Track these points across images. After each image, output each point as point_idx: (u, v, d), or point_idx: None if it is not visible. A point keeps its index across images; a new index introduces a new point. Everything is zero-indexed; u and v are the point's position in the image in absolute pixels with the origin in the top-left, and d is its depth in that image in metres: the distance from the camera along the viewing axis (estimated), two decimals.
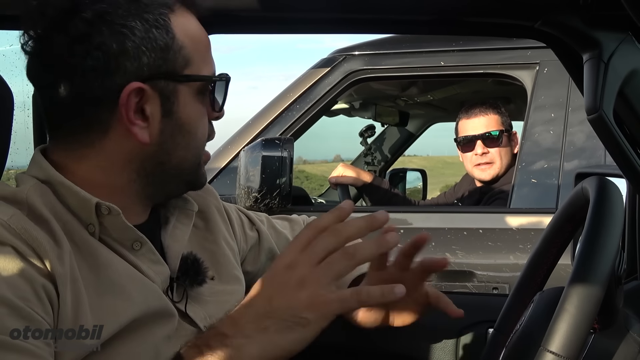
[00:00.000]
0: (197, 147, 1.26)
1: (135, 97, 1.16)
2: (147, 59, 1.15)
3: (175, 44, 1.18)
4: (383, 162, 4.94)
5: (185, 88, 1.20)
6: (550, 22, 1.29)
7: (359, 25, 1.50)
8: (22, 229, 1.06)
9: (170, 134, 1.21)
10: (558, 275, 1.40)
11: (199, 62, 1.22)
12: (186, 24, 1.21)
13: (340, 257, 1.04)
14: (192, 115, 1.23)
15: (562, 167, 2.86)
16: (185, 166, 1.25)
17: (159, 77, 1.17)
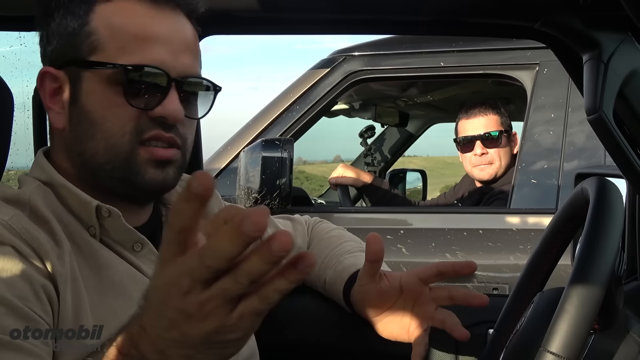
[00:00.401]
0: (108, 139, 1.17)
1: (51, 82, 1.21)
2: (58, 44, 1.20)
3: (85, 30, 1.17)
4: (383, 162, 4.94)
5: (90, 75, 1.17)
6: (550, 23, 1.29)
7: (359, 26, 1.50)
8: (22, 229, 1.07)
9: (77, 122, 1.20)
10: (558, 276, 1.40)
11: (112, 50, 1.16)
12: (115, 12, 1.18)
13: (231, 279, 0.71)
14: (98, 103, 1.18)
15: (562, 168, 2.86)
16: (99, 160, 1.18)
17: (68, 62, 1.19)
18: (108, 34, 1.17)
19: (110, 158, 1.18)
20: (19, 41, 1.81)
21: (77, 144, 1.20)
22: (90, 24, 1.17)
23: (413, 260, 2.79)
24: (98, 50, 1.17)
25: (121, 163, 1.18)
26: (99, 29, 1.17)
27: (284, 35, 1.94)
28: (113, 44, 1.17)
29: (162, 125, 1.19)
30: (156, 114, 1.18)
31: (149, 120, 1.18)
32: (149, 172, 1.20)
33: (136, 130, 1.18)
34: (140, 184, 1.20)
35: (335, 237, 1.67)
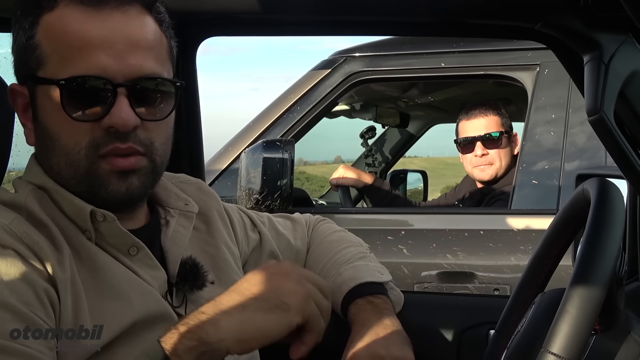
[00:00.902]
0: (67, 155, 1.14)
1: (20, 98, 1.20)
2: (16, 61, 1.19)
3: (31, 44, 1.14)
4: (384, 163, 4.94)
5: (40, 90, 1.15)
6: (550, 24, 1.29)
7: (360, 28, 1.51)
8: (23, 233, 1.07)
9: (41, 138, 1.18)
10: (559, 276, 1.41)
11: (54, 62, 1.12)
12: (55, 21, 1.13)
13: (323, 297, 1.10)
14: (50, 119, 1.15)
15: (562, 168, 2.86)
16: (65, 175, 1.16)
17: (25, 78, 1.18)
18: (50, 46, 1.13)
19: (72, 173, 1.16)
20: None
21: (45, 160, 1.19)
22: (35, 38, 1.14)
23: (414, 260, 2.80)
24: (43, 65, 1.14)
25: (83, 177, 1.15)
26: (42, 41, 1.14)
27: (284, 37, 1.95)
28: (54, 56, 1.13)
29: (117, 135, 1.13)
30: (105, 125, 1.12)
31: (103, 132, 1.13)
32: (112, 183, 1.16)
33: (92, 145, 1.13)
34: (104, 196, 1.17)
35: (336, 242, 1.63)
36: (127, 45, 1.13)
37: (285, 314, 1.02)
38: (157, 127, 1.20)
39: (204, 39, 1.69)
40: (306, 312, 1.04)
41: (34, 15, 1.14)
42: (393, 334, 1.37)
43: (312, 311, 1.05)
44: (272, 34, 1.66)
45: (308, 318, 1.04)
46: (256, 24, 1.54)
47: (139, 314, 1.15)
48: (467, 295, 2.61)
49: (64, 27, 1.12)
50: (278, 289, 1.04)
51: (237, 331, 0.99)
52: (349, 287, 1.48)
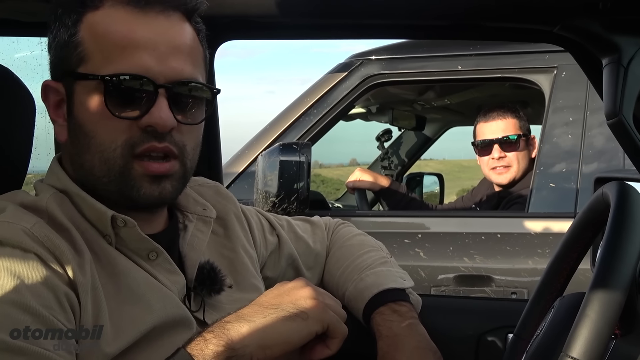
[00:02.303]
0: (102, 152, 1.15)
1: (54, 95, 1.21)
2: (54, 57, 1.21)
3: (73, 41, 1.16)
4: (400, 166, 4.93)
5: (80, 86, 1.16)
6: (569, 27, 1.29)
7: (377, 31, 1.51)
8: (45, 237, 1.07)
9: (75, 134, 1.19)
10: (577, 280, 1.40)
11: (98, 60, 1.14)
12: (100, 20, 1.16)
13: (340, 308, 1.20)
14: (87, 116, 1.16)
15: (580, 171, 2.84)
16: (97, 173, 1.17)
17: (63, 75, 1.19)
18: (93, 43, 1.15)
19: (105, 171, 1.16)
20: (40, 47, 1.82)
21: (76, 156, 1.20)
22: (78, 35, 1.16)
23: (431, 264, 2.79)
24: (85, 61, 1.15)
25: (116, 177, 1.16)
26: (86, 39, 1.16)
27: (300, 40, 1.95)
28: (98, 54, 1.15)
29: (155, 135, 1.15)
30: (144, 124, 1.14)
31: (140, 132, 1.15)
32: (144, 187, 1.17)
33: (128, 143, 1.15)
34: (137, 198, 1.18)
35: (357, 246, 1.63)
36: (169, 49, 1.16)
37: (305, 322, 1.10)
38: (190, 132, 1.22)
39: (221, 42, 1.70)
40: (325, 320, 1.13)
41: (77, 13, 1.17)
42: (424, 350, 1.39)
43: (331, 319, 1.14)
44: (289, 37, 1.66)
45: (328, 326, 1.13)
46: (273, 27, 1.54)
47: (158, 318, 1.15)
48: (485, 298, 2.60)
49: (109, 26, 1.15)
50: (296, 300, 1.13)
51: (259, 338, 1.06)
52: (372, 293, 1.48)
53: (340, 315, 1.17)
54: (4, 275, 1.02)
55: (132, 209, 1.20)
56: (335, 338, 1.15)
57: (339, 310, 1.18)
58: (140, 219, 1.20)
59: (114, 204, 1.19)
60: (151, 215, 1.27)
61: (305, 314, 1.11)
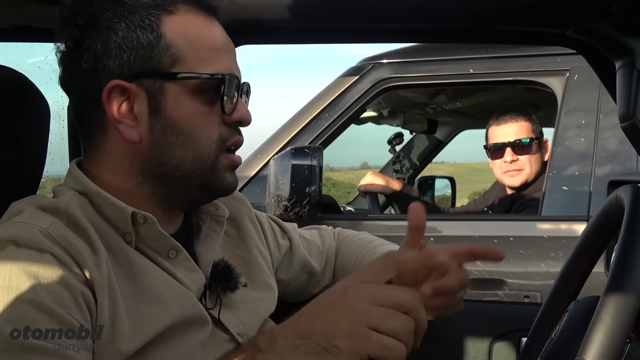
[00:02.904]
0: (197, 148, 1.21)
1: (119, 95, 1.20)
2: (128, 57, 1.19)
3: (162, 43, 1.19)
4: (411, 169, 4.93)
5: (174, 86, 1.19)
6: (582, 30, 1.29)
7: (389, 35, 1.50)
8: (61, 237, 1.09)
9: (162, 133, 1.20)
10: (590, 284, 1.40)
11: (193, 61, 1.20)
12: (185, 24, 1.21)
13: (404, 320, 0.97)
14: (185, 113, 1.20)
15: (593, 173, 2.84)
16: (186, 168, 1.22)
17: (144, 75, 1.19)
18: (186, 46, 1.20)
19: (197, 166, 1.22)
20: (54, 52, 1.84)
21: (160, 154, 1.21)
22: (166, 36, 1.19)
23: None
24: (179, 62, 1.20)
25: (207, 171, 1.23)
26: (176, 41, 1.20)
27: None
28: (192, 55, 1.20)
29: (238, 130, 1.27)
30: (235, 119, 1.24)
31: (227, 127, 1.25)
32: (227, 177, 1.26)
33: (220, 139, 1.23)
34: (220, 189, 1.27)
35: (364, 239, 1.71)
36: (235, 53, 1.29)
37: (335, 358, 0.96)
38: None
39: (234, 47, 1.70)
40: (363, 353, 0.95)
41: (154, 16, 1.20)
42: None
43: (373, 349, 0.95)
44: (302, 41, 1.67)
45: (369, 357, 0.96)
46: (286, 32, 1.54)
47: (175, 317, 1.17)
48: (498, 302, 2.60)
49: (197, 30, 1.23)
50: (331, 329, 0.97)
51: None
52: None
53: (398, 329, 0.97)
54: (20, 275, 1.03)
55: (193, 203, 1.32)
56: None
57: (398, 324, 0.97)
58: (158, 219, 1.21)
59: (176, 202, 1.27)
60: (170, 215, 1.29)
61: (337, 348, 0.96)
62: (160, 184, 1.23)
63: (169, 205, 1.26)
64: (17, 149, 1.34)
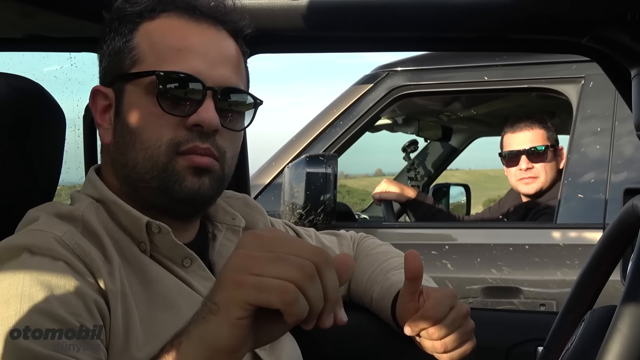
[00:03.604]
0: (146, 149, 1.19)
1: (102, 99, 1.26)
2: (107, 64, 1.26)
3: (128, 46, 1.23)
4: (426, 177, 4.92)
5: (131, 87, 1.22)
6: (597, 38, 1.28)
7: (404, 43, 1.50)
8: (75, 245, 1.10)
9: (120, 134, 1.23)
10: (606, 292, 1.39)
11: (151, 61, 1.21)
12: (156, 28, 1.24)
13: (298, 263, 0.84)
14: (137, 114, 1.21)
15: (609, 181, 2.82)
16: (140, 169, 1.20)
17: (115, 79, 1.24)
18: (148, 47, 1.22)
19: (149, 168, 1.20)
20: (69, 61, 1.85)
21: (120, 156, 1.23)
22: (133, 41, 1.23)
23: (458, 275, 2.78)
24: (138, 63, 1.22)
25: (159, 173, 1.20)
26: (140, 43, 1.23)
27: None
28: (152, 55, 1.21)
29: (199, 135, 1.20)
30: (192, 122, 1.19)
31: (186, 131, 1.20)
32: (186, 179, 1.21)
33: (173, 141, 1.19)
34: (177, 192, 1.21)
35: (381, 253, 1.66)
36: (219, 57, 1.24)
37: (216, 316, 0.86)
38: (231, 139, 1.27)
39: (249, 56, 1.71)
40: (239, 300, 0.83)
41: (134, 23, 1.24)
42: None
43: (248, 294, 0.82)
44: (316, 50, 1.67)
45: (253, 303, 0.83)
46: (300, 41, 1.55)
47: None
48: (514, 311, 2.59)
49: (164, 32, 1.23)
50: (214, 287, 0.89)
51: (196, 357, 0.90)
52: (397, 289, 1.46)
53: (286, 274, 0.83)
54: (33, 284, 1.03)
55: (170, 210, 1.25)
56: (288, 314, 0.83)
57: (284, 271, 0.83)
58: (173, 228, 1.22)
59: (153, 207, 1.24)
60: (184, 224, 1.30)
61: (215, 304, 0.86)
62: (132, 188, 1.24)
63: (156, 211, 1.23)
64: (33, 157, 1.35)
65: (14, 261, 1.06)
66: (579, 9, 1.25)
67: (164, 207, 1.24)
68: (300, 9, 1.40)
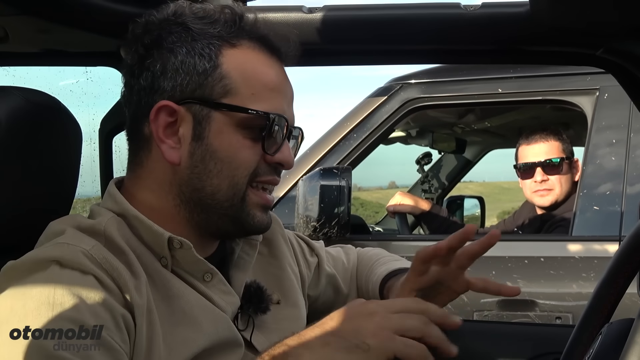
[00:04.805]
0: (233, 177, 1.23)
1: (167, 116, 1.23)
2: (182, 81, 1.22)
3: (217, 72, 1.22)
4: (440, 189, 4.91)
5: (221, 116, 1.21)
6: (612, 50, 1.28)
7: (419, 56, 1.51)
8: (103, 259, 1.10)
9: (200, 159, 1.22)
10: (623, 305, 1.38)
11: (245, 95, 1.22)
12: (244, 59, 1.24)
13: (417, 319, 1.06)
14: (227, 143, 1.22)
15: (625, 192, 2.80)
16: (220, 197, 1.23)
17: (193, 100, 1.22)
18: (241, 79, 1.22)
19: (230, 196, 1.23)
20: (85, 75, 1.87)
21: (196, 180, 1.23)
22: (222, 67, 1.22)
23: None
24: (231, 94, 1.22)
25: (238, 202, 1.24)
26: (232, 73, 1.22)
27: None
28: (246, 89, 1.22)
29: (276, 170, 1.28)
30: (276, 160, 1.25)
31: (265, 164, 1.25)
32: (257, 215, 1.27)
33: (254, 172, 1.24)
34: (250, 225, 1.27)
35: (374, 255, 1.73)
36: (291, 97, 1.31)
37: (365, 353, 1.02)
38: None
39: None
40: (389, 350, 1.03)
41: (214, 46, 1.23)
42: None
43: (398, 347, 1.03)
44: (330, 63, 1.68)
45: (395, 355, 1.03)
46: (315, 54, 1.55)
47: (210, 340, 1.18)
48: (530, 324, 2.57)
49: (256, 67, 1.25)
50: (359, 329, 1.04)
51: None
52: (382, 276, 1.55)
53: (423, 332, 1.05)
54: (64, 294, 1.04)
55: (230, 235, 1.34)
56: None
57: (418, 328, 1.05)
58: (196, 243, 1.23)
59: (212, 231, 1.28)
60: (206, 239, 1.30)
61: (367, 345, 1.03)
62: (197, 210, 1.25)
63: (204, 232, 1.28)
64: (50, 170, 1.36)
65: (43, 273, 1.07)
66: (593, 21, 1.24)
67: (227, 232, 1.30)
68: (315, 23, 1.41)
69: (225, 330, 1.21)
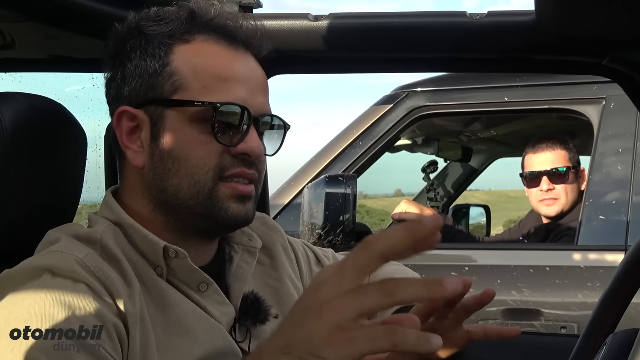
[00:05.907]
0: (192, 175, 1.20)
1: (128, 121, 1.24)
2: (136, 85, 1.23)
3: (166, 71, 1.21)
4: (446, 197, 4.90)
5: (173, 113, 1.20)
6: (618, 59, 1.28)
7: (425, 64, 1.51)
8: (96, 267, 1.09)
9: (159, 159, 1.21)
10: (628, 315, 1.37)
11: (196, 89, 1.20)
12: (195, 53, 1.23)
13: (376, 290, 0.82)
14: (181, 141, 1.20)
15: (631, 202, 2.80)
16: (183, 196, 1.21)
17: (148, 102, 1.22)
18: (190, 73, 1.21)
19: (193, 194, 1.20)
20: (91, 82, 1.87)
21: (159, 181, 1.22)
22: (171, 65, 1.21)
23: None
24: (181, 89, 1.21)
25: (204, 199, 1.20)
26: (181, 68, 1.21)
27: None
28: (196, 83, 1.20)
29: (244, 162, 1.22)
30: (239, 150, 1.21)
31: (231, 157, 1.21)
32: (231, 207, 1.22)
33: (219, 167, 1.20)
34: (223, 219, 1.22)
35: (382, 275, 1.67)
36: (257, 85, 1.25)
37: None
38: (263, 163, 1.29)
39: (269, 77, 1.72)
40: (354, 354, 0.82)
41: (165, 45, 1.23)
42: None
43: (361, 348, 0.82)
44: (336, 71, 1.68)
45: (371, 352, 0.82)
46: (320, 62, 1.55)
47: (205, 350, 1.16)
48: (535, 333, 2.57)
49: (205, 58, 1.22)
50: (311, 338, 0.84)
51: None
52: None
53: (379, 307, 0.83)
54: (55, 304, 1.03)
55: (208, 233, 1.28)
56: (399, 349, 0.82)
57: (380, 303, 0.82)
58: (193, 249, 1.22)
59: (178, 234, 1.24)
60: (203, 246, 1.29)
61: (322, 358, 0.83)
62: (169, 212, 1.23)
63: (184, 234, 1.25)
64: (55, 176, 1.36)
65: (35, 281, 1.06)
66: (600, 30, 1.24)
67: (205, 230, 1.26)
68: (320, 31, 1.41)
69: (219, 340, 1.20)
